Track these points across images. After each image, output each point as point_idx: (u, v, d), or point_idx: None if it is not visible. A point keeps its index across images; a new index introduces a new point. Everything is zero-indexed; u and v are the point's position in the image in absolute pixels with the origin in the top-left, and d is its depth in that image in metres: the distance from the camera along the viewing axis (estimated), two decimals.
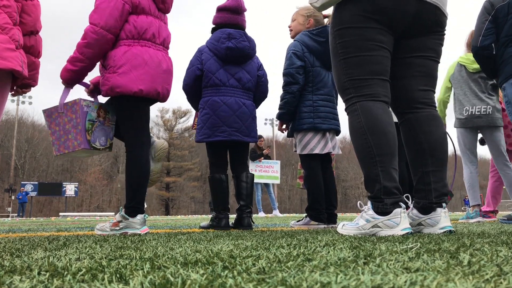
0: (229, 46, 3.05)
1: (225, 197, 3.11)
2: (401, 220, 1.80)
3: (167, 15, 2.78)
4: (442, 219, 1.99)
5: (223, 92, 3.08)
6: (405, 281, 0.63)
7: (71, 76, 2.50)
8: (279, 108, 3.31)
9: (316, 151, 3.22)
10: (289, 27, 3.47)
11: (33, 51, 2.28)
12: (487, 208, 4.54)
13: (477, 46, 3.02)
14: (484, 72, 3.19)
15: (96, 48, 2.42)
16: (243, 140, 3.11)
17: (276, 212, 11.48)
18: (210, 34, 3.25)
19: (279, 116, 3.35)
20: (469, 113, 4.10)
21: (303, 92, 3.27)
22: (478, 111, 4.08)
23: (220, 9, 3.20)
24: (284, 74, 3.25)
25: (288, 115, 3.31)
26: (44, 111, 2.68)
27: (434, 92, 2.18)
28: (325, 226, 3.22)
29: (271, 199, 11.46)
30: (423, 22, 2.00)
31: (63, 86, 2.61)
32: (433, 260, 0.88)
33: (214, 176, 3.12)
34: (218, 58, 3.10)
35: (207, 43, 3.18)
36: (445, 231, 1.96)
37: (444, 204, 2.03)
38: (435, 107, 2.17)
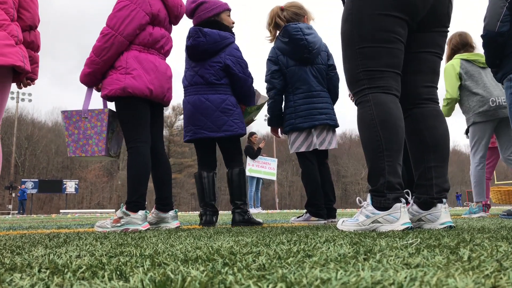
0: (187, 45, 3.07)
1: (205, 193, 3.11)
2: (401, 215, 1.80)
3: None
4: (443, 214, 1.98)
5: (189, 91, 3.10)
6: (405, 277, 0.63)
7: (90, 78, 2.65)
8: (268, 114, 3.44)
9: (302, 149, 3.27)
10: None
11: (33, 46, 2.30)
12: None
13: (494, 31, 2.91)
14: (488, 59, 3.07)
15: (112, 52, 2.56)
16: (211, 136, 3.03)
17: (259, 210, 11.58)
18: None
19: (268, 123, 3.49)
20: (497, 104, 4.04)
21: (285, 94, 3.35)
22: (504, 101, 4.04)
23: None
24: (265, 81, 3.37)
25: (274, 119, 3.41)
26: (63, 112, 2.76)
27: (437, 89, 2.18)
28: (325, 221, 3.22)
29: (256, 197, 11.49)
30: (437, 13, 2.00)
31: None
32: (433, 256, 0.88)
33: (195, 173, 3.21)
34: (188, 57, 3.15)
35: None
36: (445, 227, 1.96)
37: (444, 200, 2.03)
38: (438, 103, 2.17)
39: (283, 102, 3.40)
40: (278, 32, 3.37)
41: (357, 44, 1.97)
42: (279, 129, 3.52)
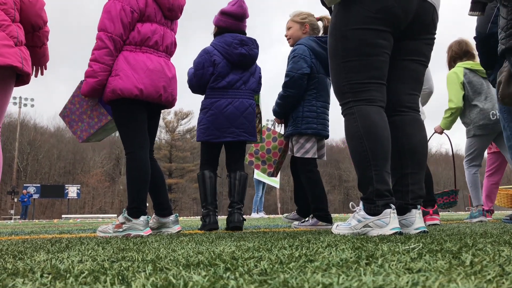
0: (243, 52, 3.19)
1: (211, 193, 3.16)
2: (390, 220, 1.85)
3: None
4: (417, 220, 2.03)
5: (230, 94, 3.19)
6: (407, 282, 0.63)
7: (96, 89, 2.52)
8: (276, 105, 3.35)
9: (316, 155, 3.25)
10: (286, 36, 3.45)
11: (38, 44, 2.32)
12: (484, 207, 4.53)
13: (484, 33, 2.86)
14: (482, 61, 3.02)
15: (114, 55, 2.51)
16: (250, 139, 3.24)
17: (262, 214, 11.61)
18: (213, 36, 3.34)
19: (274, 113, 3.44)
20: (497, 117, 3.97)
21: (306, 96, 3.22)
22: None
23: (224, 13, 3.23)
24: (288, 76, 3.17)
25: (282, 115, 3.40)
26: (60, 114, 2.81)
27: (419, 97, 2.23)
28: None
29: (260, 201, 11.54)
30: (421, 22, 2.04)
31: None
32: (435, 261, 0.88)
33: (199, 173, 3.25)
34: (228, 62, 3.21)
35: (215, 46, 3.23)
36: (419, 232, 2.00)
37: (418, 206, 2.08)
38: (419, 111, 2.20)
39: (302, 103, 3.25)
40: (310, 32, 3.36)
41: (342, 58, 2.03)
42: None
